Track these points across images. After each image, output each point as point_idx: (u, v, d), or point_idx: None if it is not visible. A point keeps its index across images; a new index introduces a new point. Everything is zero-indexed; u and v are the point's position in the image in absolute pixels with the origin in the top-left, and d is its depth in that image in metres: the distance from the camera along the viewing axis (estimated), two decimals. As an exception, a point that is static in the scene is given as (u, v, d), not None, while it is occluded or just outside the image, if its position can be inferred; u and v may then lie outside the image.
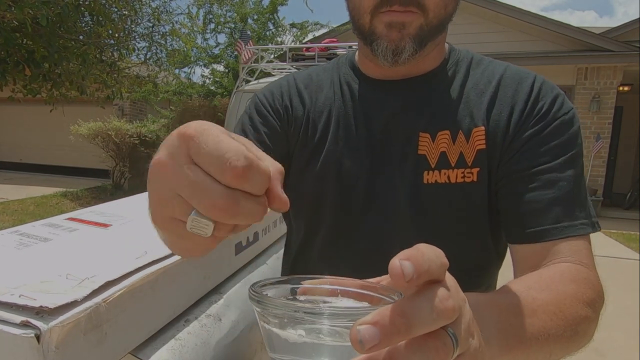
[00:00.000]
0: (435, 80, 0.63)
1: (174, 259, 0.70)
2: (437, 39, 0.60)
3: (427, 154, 0.58)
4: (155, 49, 5.24)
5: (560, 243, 0.55)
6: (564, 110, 0.58)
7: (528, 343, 0.42)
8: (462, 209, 0.58)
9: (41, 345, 0.47)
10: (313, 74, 0.71)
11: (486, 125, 0.58)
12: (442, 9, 0.56)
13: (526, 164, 0.56)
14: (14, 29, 3.35)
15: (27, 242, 0.73)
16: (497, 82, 0.61)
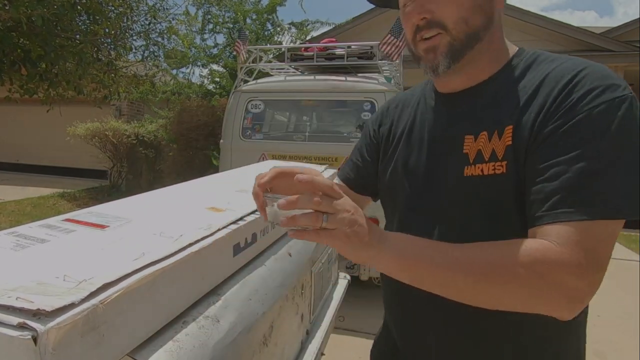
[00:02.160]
0: (489, 88, 0.70)
1: (172, 261, 0.70)
2: (477, 50, 0.67)
3: (469, 152, 0.68)
4: (153, 47, 5.23)
5: (548, 226, 0.56)
6: (597, 102, 0.57)
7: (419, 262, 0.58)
8: (493, 197, 0.65)
9: (38, 347, 0.47)
10: (408, 93, 0.89)
11: (515, 123, 0.63)
12: (463, 24, 0.64)
13: (540, 159, 0.59)
14: (9, 28, 3.34)
15: (24, 243, 0.73)
16: (539, 81, 0.64)
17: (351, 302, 2.10)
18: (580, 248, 0.54)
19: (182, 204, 1.11)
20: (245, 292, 0.95)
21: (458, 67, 0.68)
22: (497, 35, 0.70)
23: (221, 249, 0.87)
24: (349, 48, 3.65)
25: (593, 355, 2.64)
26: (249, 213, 1.05)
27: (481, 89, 0.71)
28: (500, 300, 0.57)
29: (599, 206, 0.55)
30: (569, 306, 0.55)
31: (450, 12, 0.64)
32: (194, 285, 0.78)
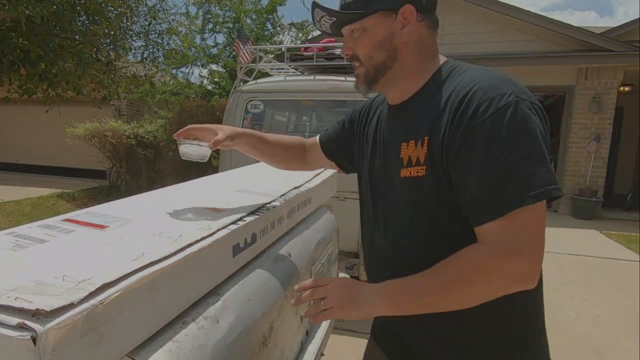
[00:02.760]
0: (416, 101, 0.84)
1: (171, 261, 0.70)
2: (390, 76, 0.84)
3: (404, 157, 0.82)
4: (152, 48, 5.22)
5: (478, 228, 0.71)
6: (486, 115, 0.69)
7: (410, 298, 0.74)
8: (418, 193, 0.80)
9: (37, 347, 0.47)
10: (378, 99, 1.02)
11: (430, 134, 0.76)
12: (369, 59, 0.83)
13: (458, 171, 0.72)
14: (8, 28, 3.33)
15: (24, 243, 0.73)
16: (447, 96, 0.76)
17: (351, 302, 2.08)
18: (504, 240, 0.67)
19: (182, 204, 1.11)
20: (245, 292, 0.95)
21: (379, 87, 0.87)
22: (409, 62, 0.83)
23: (221, 250, 0.87)
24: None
25: (593, 356, 2.64)
26: (248, 213, 1.05)
27: (409, 103, 0.85)
28: (472, 301, 0.71)
29: (505, 202, 0.66)
30: (521, 282, 0.67)
31: (360, 50, 0.84)
32: (194, 285, 0.78)
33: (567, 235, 5.79)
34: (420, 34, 0.82)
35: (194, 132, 1.07)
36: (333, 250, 1.83)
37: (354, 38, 0.84)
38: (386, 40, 0.81)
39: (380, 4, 0.79)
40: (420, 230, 0.81)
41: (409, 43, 0.81)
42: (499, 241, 0.67)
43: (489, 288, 0.69)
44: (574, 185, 7.22)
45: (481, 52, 7.36)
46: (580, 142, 7.18)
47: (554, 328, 2.98)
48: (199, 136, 1.07)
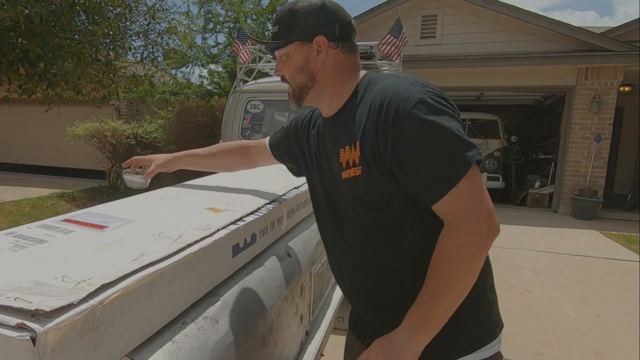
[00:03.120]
0: (345, 111, 0.96)
1: (171, 261, 0.70)
2: (313, 94, 0.98)
3: (342, 161, 0.94)
4: (152, 47, 5.21)
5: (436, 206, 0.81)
6: (400, 117, 0.81)
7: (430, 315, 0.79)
8: (360, 191, 0.92)
9: (37, 348, 0.47)
10: (316, 112, 1.13)
11: (360, 139, 0.88)
12: (292, 80, 0.99)
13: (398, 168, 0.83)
14: (8, 28, 3.33)
15: (23, 243, 0.73)
16: (369, 105, 0.88)
17: (350, 302, 2.08)
18: (461, 210, 0.78)
19: (181, 204, 1.11)
20: (245, 292, 0.95)
21: (306, 103, 1.01)
22: (329, 82, 0.97)
23: (220, 250, 0.87)
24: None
25: (593, 356, 2.64)
26: (248, 213, 1.04)
27: (339, 114, 0.98)
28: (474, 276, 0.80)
29: (447, 179, 0.78)
30: (491, 235, 0.79)
31: (286, 73, 0.99)
32: (193, 285, 0.78)
33: (567, 235, 5.80)
34: (336, 58, 0.96)
35: (139, 162, 1.36)
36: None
37: (282, 62, 0.99)
38: (304, 65, 0.96)
39: (297, 36, 0.94)
40: (366, 223, 0.93)
41: (325, 67, 0.95)
42: (459, 213, 0.79)
43: (476, 256, 0.79)
44: (574, 186, 7.22)
45: (481, 52, 7.36)
46: (580, 142, 7.18)
47: (554, 328, 2.98)
48: (144, 165, 1.35)
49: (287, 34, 0.94)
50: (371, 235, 0.93)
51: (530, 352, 2.63)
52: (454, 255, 0.78)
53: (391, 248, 0.91)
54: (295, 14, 0.93)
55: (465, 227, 0.78)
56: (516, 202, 8.40)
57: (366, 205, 0.92)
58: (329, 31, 0.93)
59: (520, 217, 6.88)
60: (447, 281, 0.79)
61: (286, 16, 0.94)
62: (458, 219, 0.79)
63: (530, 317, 3.13)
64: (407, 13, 7.40)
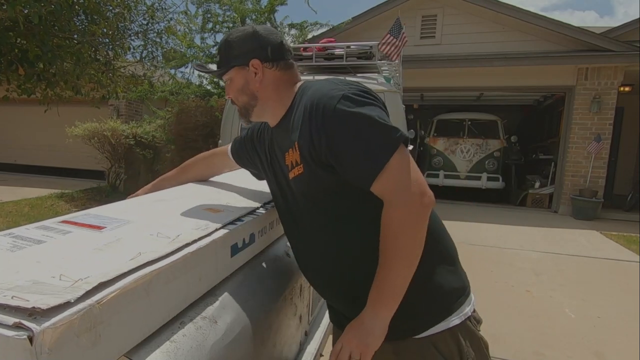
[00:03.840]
0: (286, 119, 1.05)
1: (169, 261, 0.70)
2: (257, 110, 1.09)
3: (288, 163, 1.03)
4: (151, 47, 5.20)
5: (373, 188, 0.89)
6: (328, 113, 0.90)
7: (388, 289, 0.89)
8: (305, 187, 1.00)
9: (34, 347, 0.46)
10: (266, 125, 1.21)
11: (298, 139, 0.97)
12: (237, 100, 1.09)
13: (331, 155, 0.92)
14: (7, 28, 3.32)
15: (21, 244, 0.73)
16: (303, 110, 0.98)
17: (349, 302, 2.08)
18: (395, 187, 0.87)
19: (180, 204, 1.10)
20: (243, 292, 0.95)
21: (254, 119, 1.11)
22: (269, 97, 1.07)
23: (219, 250, 0.87)
24: (348, 48, 3.65)
25: (593, 356, 2.64)
26: (246, 214, 1.04)
27: (281, 123, 1.08)
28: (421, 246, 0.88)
29: (378, 160, 0.87)
30: (427, 205, 0.87)
31: (231, 94, 1.10)
32: (191, 285, 0.78)
33: (567, 235, 5.80)
34: (273, 76, 1.06)
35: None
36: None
37: (228, 86, 1.10)
38: (245, 86, 1.06)
39: (235, 61, 1.05)
40: (317, 217, 1.02)
41: (263, 85, 1.06)
42: (393, 191, 0.87)
43: (416, 226, 0.87)
44: (574, 186, 7.21)
45: (481, 52, 7.36)
46: (580, 143, 7.18)
47: (554, 329, 2.98)
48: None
49: (227, 61, 1.06)
50: (323, 228, 1.01)
51: (530, 353, 2.63)
52: (396, 229, 0.86)
53: (343, 237, 0.99)
54: (231, 43, 1.05)
55: (401, 201, 0.86)
56: (516, 202, 8.40)
57: (314, 200, 1.01)
58: (262, 54, 1.04)
59: (520, 218, 6.88)
60: (395, 255, 0.87)
61: (224, 46, 1.07)
62: (394, 196, 0.87)
63: (530, 317, 3.13)
64: (406, 13, 7.40)
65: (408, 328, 0.98)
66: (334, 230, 1.00)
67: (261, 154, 1.23)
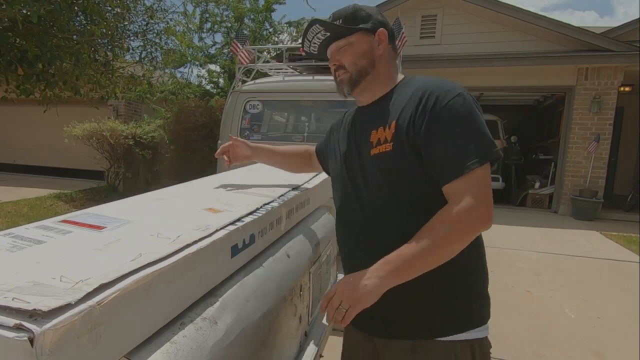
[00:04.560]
0: (384, 100, 1.09)
1: (169, 262, 0.70)
2: (369, 80, 1.09)
3: (373, 140, 1.05)
4: (150, 47, 5.19)
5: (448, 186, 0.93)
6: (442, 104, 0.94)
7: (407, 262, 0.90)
8: (388, 166, 1.02)
9: (35, 348, 0.46)
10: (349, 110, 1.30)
11: (397, 119, 1.01)
12: (353, 65, 1.08)
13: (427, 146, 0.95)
14: (6, 28, 3.32)
15: (21, 244, 0.73)
16: (409, 95, 1.02)
17: (349, 303, 2.08)
18: (468, 193, 0.89)
19: (180, 205, 1.10)
20: (243, 293, 0.95)
21: (358, 90, 1.11)
22: (383, 71, 1.10)
23: (219, 250, 0.87)
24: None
25: (593, 357, 2.64)
26: (247, 214, 1.04)
27: (378, 103, 1.11)
28: (457, 250, 0.91)
29: (466, 165, 0.90)
30: (485, 223, 0.90)
31: (346, 60, 1.08)
32: (192, 286, 0.78)
33: (567, 236, 5.80)
34: (389, 53, 1.11)
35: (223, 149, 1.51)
36: (332, 251, 1.83)
37: (341, 52, 1.09)
38: (367, 51, 1.07)
39: (364, 25, 1.07)
40: (385, 192, 1.03)
41: (383, 56, 1.09)
42: (465, 195, 0.89)
43: (468, 233, 0.90)
44: (574, 186, 7.22)
45: (481, 52, 7.36)
46: (580, 143, 7.18)
47: (554, 329, 2.98)
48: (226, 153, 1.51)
49: (353, 23, 1.06)
50: (390, 205, 1.02)
51: (530, 353, 2.63)
52: (452, 223, 0.89)
53: (406, 217, 1.00)
54: (360, 10, 1.07)
55: (469, 205, 0.89)
56: (516, 202, 8.40)
57: (388, 176, 1.02)
58: (387, 28, 1.09)
59: (520, 218, 6.88)
60: (436, 242, 0.89)
61: (351, 12, 1.07)
62: (464, 198, 0.89)
63: (530, 317, 3.13)
64: (406, 13, 7.40)
65: (435, 328, 0.98)
66: (398, 209, 1.01)
67: (334, 140, 1.29)
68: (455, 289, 0.99)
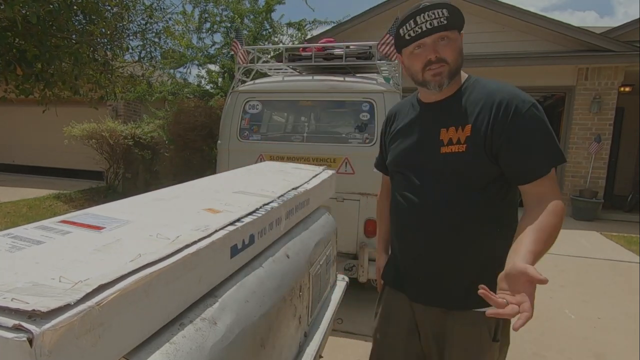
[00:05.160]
0: (454, 99, 1.18)
1: (168, 262, 0.70)
2: (457, 77, 1.18)
3: (444, 139, 1.15)
4: (149, 47, 5.18)
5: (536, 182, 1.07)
6: (521, 113, 1.07)
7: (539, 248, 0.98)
8: (460, 166, 1.13)
9: (34, 349, 0.46)
10: (402, 103, 1.39)
11: (472, 124, 1.12)
12: (455, 61, 1.14)
13: (512, 149, 1.07)
14: (4, 28, 3.31)
15: (20, 245, 0.72)
16: (483, 99, 1.12)
17: (350, 304, 2.09)
18: (553, 190, 1.07)
19: (179, 205, 1.10)
20: (243, 294, 0.95)
21: (450, 86, 1.16)
22: (460, 69, 1.18)
23: (218, 251, 0.86)
24: (348, 48, 3.64)
25: (593, 358, 2.64)
26: (246, 214, 1.04)
27: (449, 101, 1.19)
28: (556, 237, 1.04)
29: (548, 165, 1.06)
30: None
31: (449, 54, 1.13)
32: (191, 287, 0.78)
33: (567, 236, 5.80)
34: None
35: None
36: (332, 252, 1.82)
37: (442, 45, 1.12)
38: (462, 50, 1.16)
39: (460, 26, 1.14)
40: (452, 193, 1.14)
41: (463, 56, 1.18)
42: (551, 193, 1.05)
43: (561, 224, 1.05)
44: (574, 186, 7.22)
45: (481, 52, 7.37)
46: (580, 143, 7.18)
47: (554, 330, 2.98)
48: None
49: (457, 22, 1.11)
50: (457, 203, 1.13)
51: (530, 354, 2.63)
52: (559, 215, 1.03)
53: (470, 215, 1.12)
54: (456, 9, 1.11)
55: (558, 202, 1.04)
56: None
57: (457, 176, 1.13)
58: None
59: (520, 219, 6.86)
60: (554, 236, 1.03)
61: (453, 8, 1.11)
62: (551, 197, 1.04)
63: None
64: (405, 14, 7.39)
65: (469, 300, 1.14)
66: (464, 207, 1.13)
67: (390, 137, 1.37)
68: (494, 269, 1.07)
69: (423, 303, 1.26)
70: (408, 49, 1.16)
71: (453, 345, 1.20)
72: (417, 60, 1.15)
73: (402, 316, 1.32)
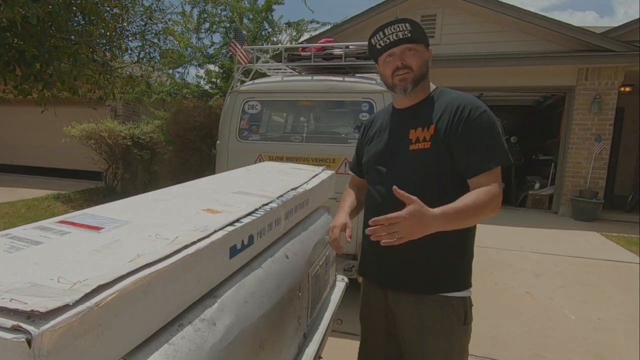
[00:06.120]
0: (421, 105, 1.37)
1: (167, 263, 0.69)
2: (421, 85, 1.35)
3: (412, 138, 1.32)
4: (149, 48, 5.18)
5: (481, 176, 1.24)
6: (474, 116, 1.26)
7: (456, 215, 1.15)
8: (425, 160, 1.30)
9: (32, 350, 0.46)
10: (382, 111, 1.57)
11: (435, 124, 1.29)
12: (419, 69, 1.32)
13: (463, 146, 1.25)
14: (4, 28, 3.31)
15: (18, 245, 0.72)
16: (445, 104, 1.31)
17: (349, 304, 2.09)
18: (495, 182, 1.23)
19: (178, 205, 1.10)
20: (242, 294, 0.95)
21: (414, 91, 1.34)
22: (427, 80, 1.37)
23: (217, 251, 0.86)
24: (347, 48, 3.64)
25: (593, 358, 2.64)
26: (245, 215, 1.04)
27: (418, 106, 1.38)
28: (480, 220, 1.22)
29: (492, 164, 1.23)
30: (497, 211, 1.23)
31: (414, 63, 1.31)
32: (190, 287, 0.78)
33: (567, 236, 5.80)
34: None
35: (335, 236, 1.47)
36: (331, 252, 1.82)
37: (408, 54, 1.30)
38: (427, 62, 1.34)
39: (424, 40, 1.32)
40: (419, 183, 1.27)
41: (429, 69, 1.35)
42: (494, 184, 1.22)
43: (493, 210, 1.20)
44: (574, 187, 7.21)
45: (481, 52, 7.37)
46: (580, 143, 7.18)
47: (554, 330, 2.98)
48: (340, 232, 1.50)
49: (421, 36, 1.30)
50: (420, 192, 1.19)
51: (530, 355, 2.63)
52: (492, 197, 1.18)
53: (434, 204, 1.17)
54: (418, 24, 1.29)
55: (498, 192, 1.21)
56: (516, 203, 8.39)
57: (423, 171, 1.29)
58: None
59: (520, 219, 6.88)
60: (480, 207, 1.17)
61: (414, 23, 1.28)
62: (493, 187, 1.20)
63: (530, 319, 3.13)
64: (406, 13, 7.40)
65: (439, 285, 1.29)
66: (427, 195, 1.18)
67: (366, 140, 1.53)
68: (456, 257, 1.31)
69: (392, 289, 1.38)
70: (381, 57, 1.35)
71: (424, 328, 1.30)
72: (387, 67, 1.34)
73: (377, 302, 1.44)
